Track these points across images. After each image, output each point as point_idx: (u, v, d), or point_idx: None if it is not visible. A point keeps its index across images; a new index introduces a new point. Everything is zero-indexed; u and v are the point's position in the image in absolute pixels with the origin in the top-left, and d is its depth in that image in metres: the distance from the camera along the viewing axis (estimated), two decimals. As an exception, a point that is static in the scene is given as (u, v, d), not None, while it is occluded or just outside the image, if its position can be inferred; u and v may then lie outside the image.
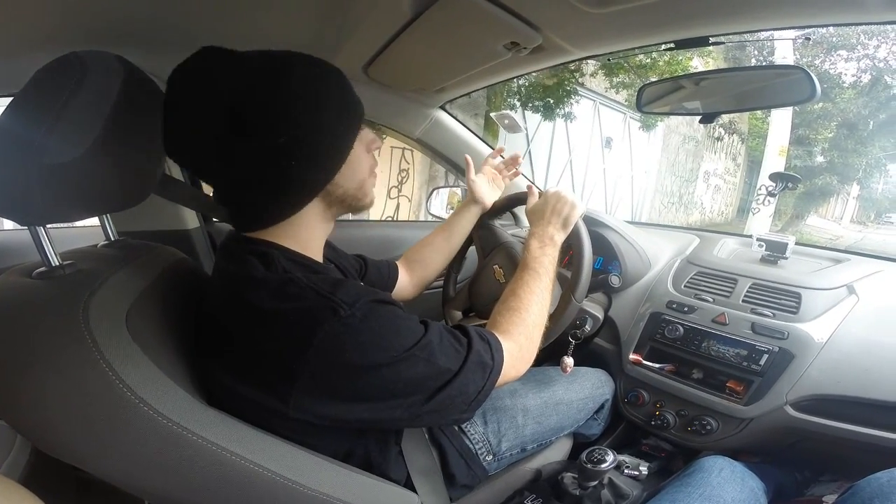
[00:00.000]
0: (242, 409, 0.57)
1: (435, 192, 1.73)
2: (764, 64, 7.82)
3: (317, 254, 0.69)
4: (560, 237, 0.93)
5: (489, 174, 1.18)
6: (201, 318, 0.63)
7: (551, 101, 6.03)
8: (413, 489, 0.74)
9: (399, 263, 1.10)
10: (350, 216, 0.73)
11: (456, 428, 0.89)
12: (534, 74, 5.54)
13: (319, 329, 0.53)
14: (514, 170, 1.22)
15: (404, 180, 6.24)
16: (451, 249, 1.16)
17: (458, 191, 1.74)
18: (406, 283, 1.10)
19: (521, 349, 0.73)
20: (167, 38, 0.81)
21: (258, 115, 0.56)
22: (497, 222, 1.21)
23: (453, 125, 1.58)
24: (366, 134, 0.69)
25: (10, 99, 0.52)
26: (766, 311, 1.05)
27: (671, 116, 8.36)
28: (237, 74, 0.57)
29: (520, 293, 0.80)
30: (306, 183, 0.61)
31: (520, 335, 0.74)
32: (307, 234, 0.67)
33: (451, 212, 1.67)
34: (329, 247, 0.80)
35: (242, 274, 0.59)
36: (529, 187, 1.05)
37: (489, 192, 1.16)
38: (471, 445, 0.88)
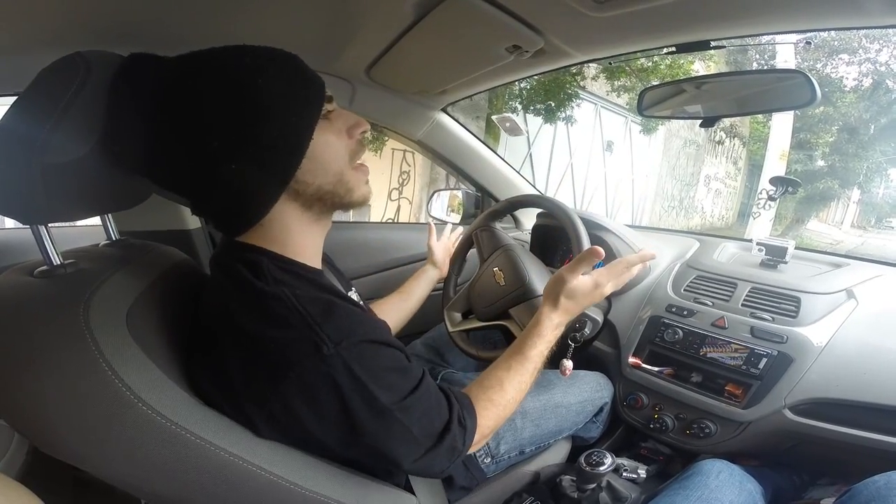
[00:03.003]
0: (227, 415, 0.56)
1: (436, 194, 1.74)
2: (765, 68, 7.84)
3: (312, 258, 0.65)
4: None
5: (447, 244, 1.26)
6: (195, 320, 0.63)
7: (552, 105, 6.04)
8: (411, 491, 0.74)
9: None
10: (351, 217, 0.71)
11: None
12: (535, 77, 5.54)
13: (298, 364, 0.51)
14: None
15: (405, 182, 6.25)
16: (409, 311, 1.16)
17: (459, 193, 1.75)
18: None
19: (482, 438, 0.70)
20: (171, 39, 0.81)
21: (183, 121, 0.53)
22: (498, 225, 1.21)
23: (455, 128, 1.58)
24: (341, 119, 0.63)
25: (14, 98, 0.53)
26: (766, 315, 1.05)
27: (672, 120, 8.37)
28: (159, 80, 0.55)
29: (506, 387, 0.73)
30: (258, 186, 0.56)
31: (488, 427, 0.70)
32: (294, 238, 0.62)
33: (452, 214, 1.68)
34: (326, 257, 0.79)
35: (230, 287, 0.58)
36: (595, 251, 0.79)
37: (446, 258, 1.23)
38: (469, 448, 0.88)
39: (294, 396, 0.52)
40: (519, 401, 0.75)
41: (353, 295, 0.87)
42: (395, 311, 1.13)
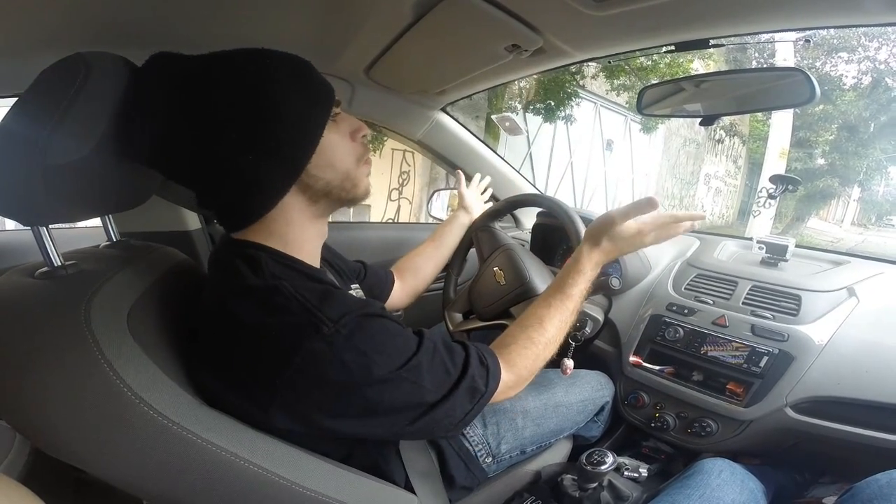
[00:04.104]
0: (233, 413, 0.56)
1: (435, 194, 1.73)
2: (764, 66, 7.83)
3: (311, 256, 0.67)
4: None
5: (477, 191, 1.27)
6: (196, 320, 0.63)
7: (552, 104, 6.04)
8: (412, 491, 0.74)
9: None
10: (351, 218, 0.71)
11: None
12: (534, 76, 5.55)
13: (301, 347, 0.52)
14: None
15: (405, 182, 6.25)
16: (442, 258, 1.19)
17: (459, 193, 1.75)
18: (399, 292, 1.10)
19: (519, 380, 0.71)
20: (171, 40, 0.81)
21: (205, 113, 0.55)
22: (498, 225, 1.21)
23: (454, 127, 1.58)
24: (346, 122, 0.66)
25: (14, 99, 0.52)
26: (767, 314, 1.05)
27: (672, 119, 8.36)
28: (183, 76, 0.56)
29: (546, 324, 0.74)
30: (270, 178, 0.58)
31: (524, 368, 0.71)
32: (295, 233, 0.64)
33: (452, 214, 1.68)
34: (326, 248, 0.80)
35: (229, 282, 0.58)
36: (651, 200, 0.75)
37: (478, 203, 1.24)
38: (470, 447, 0.88)
39: (303, 381, 0.53)
40: (559, 340, 0.76)
41: (353, 292, 0.87)
42: (430, 258, 1.16)
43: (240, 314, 0.55)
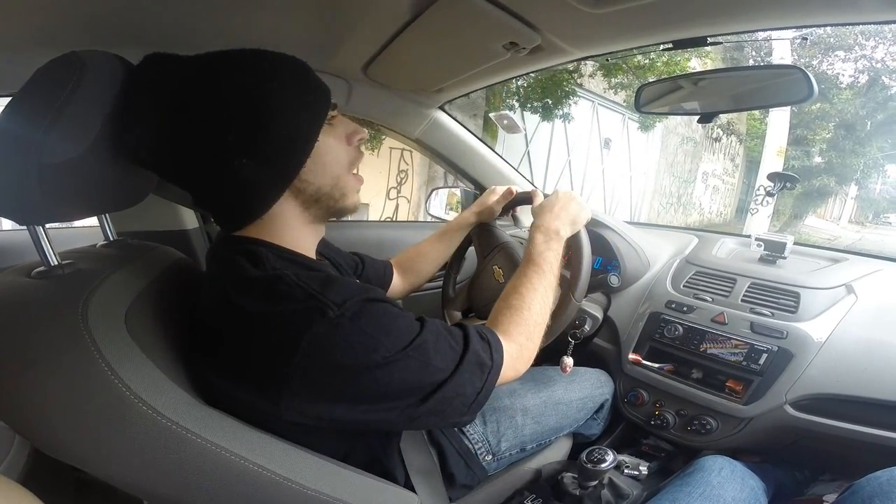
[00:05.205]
0: (237, 410, 0.56)
1: (434, 192, 1.73)
2: (762, 64, 7.84)
3: (308, 253, 0.68)
4: (566, 233, 0.90)
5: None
6: (196, 318, 0.63)
7: (550, 102, 6.03)
8: (412, 489, 0.73)
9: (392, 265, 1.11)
10: (349, 216, 0.71)
11: (455, 428, 0.89)
12: (532, 75, 5.54)
13: (307, 331, 0.52)
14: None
15: (403, 181, 6.25)
16: (445, 257, 1.19)
17: (457, 191, 1.75)
18: (398, 285, 1.11)
19: (521, 349, 0.72)
20: (166, 38, 0.81)
21: (201, 115, 0.55)
22: (496, 223, 1.21)
23: (452, 125, 1.58)
24: (342, 125, 0.66)
25: (9, 98, 0.52)
26: (765, 311, 1.05)
27: (669, 117, 8.38)
28: (178, 77, 0.56)
29: (522, 291, 0.78)
30: (265, 182, 0.59)
31: (520, 335, 0.72)
32: (292, 234, 0.65)
33: (451, 212, 1.67)
34: (323, 243, 0.80)
35: (230, 275, 0.58)
36: (534, 191, 1.04)
37: (492, 215, 1.20)
38: (470, 445, 0.88)
39: (312, 367, 0.52)
40: (540, 303, 0.78)
41: None
42: (431, 261, 1.16)
43: (244, 306, 0.55)
